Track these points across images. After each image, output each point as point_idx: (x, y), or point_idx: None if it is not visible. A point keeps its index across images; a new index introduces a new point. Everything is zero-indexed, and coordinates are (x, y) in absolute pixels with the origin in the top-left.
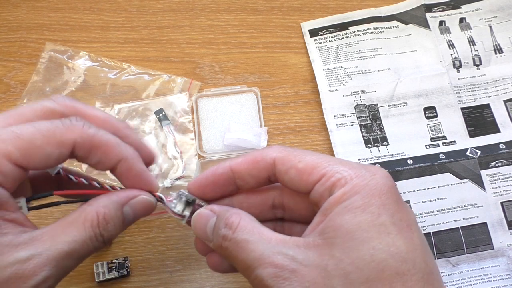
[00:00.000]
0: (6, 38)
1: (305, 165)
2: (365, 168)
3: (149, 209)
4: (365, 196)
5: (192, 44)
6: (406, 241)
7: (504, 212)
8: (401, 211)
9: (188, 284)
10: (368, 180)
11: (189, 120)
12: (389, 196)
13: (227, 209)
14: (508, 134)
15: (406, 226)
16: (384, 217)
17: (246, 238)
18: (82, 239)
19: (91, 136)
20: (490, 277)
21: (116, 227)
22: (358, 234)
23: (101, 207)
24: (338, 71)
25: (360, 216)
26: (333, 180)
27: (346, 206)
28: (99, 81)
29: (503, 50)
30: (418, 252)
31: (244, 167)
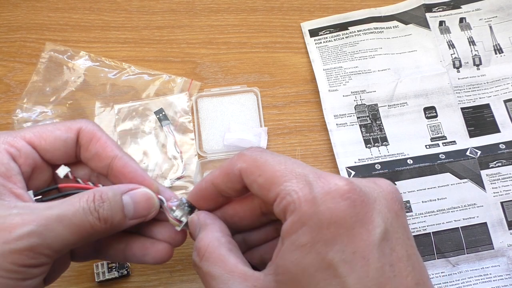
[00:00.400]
0: (6, 38)
1: (264, 180)
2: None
3: (150, 204)
4: (312, 229)
5: (192, 44)
6: (356, 281)
7: (504, 212)
8: (355, 238)
9: (188, 284)
10: (316, 206)
11: (189, 120)
12: (341, 223)
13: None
14: (508, 134)
15: (360, 259)
16: (331, 255)
17: (209, 271)
18: (75, 208)
19: (94, 129)
20: (490, 277)
21: (113, 210)
22: (304, 281)
23: (99, 190)
24: (338, 71)
25: (306, 257)
26: (284, 204)
27: (293, 242)
28: (99, 81)
29: (503, 50)
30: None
31: (220, 180)
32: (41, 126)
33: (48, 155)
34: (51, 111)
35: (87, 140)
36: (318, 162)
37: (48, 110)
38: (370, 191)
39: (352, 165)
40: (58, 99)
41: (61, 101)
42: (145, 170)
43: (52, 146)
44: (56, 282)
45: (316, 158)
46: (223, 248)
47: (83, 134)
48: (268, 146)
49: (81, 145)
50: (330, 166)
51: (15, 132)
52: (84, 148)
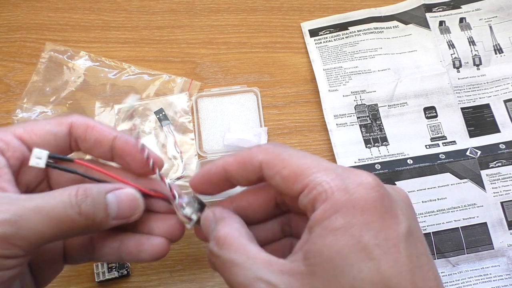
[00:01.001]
0: (6, 38)
1: (289, 172)
2: (350, 177)
3: (134, 205)
4: (346, 214)
5: (192, 44)
6: (390, 264)
7: (504, 212)
8: (387, 227)
9: (188, 284)
10: (350, 195)
11: (189, 120)
12: (373, 212)
13: (222, 217)
14: (508, 134)
15: (392, 246)
16: (366, 239)
17: (231, 259)
18: (56, 201)
19: (86, 119)
20: (490, 277)
21: (96, 206)
22: (338, 262)
23: (83, 185)
24: (338, 71)
25: (341, 239)
26: (314, 194)
27: (327, 227)
28: (99, 81)
29: (503, 50)
30: (404, 275)
31: (234, 168)
32: (33, 121)
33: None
34: (51, 111)
35: (82, 131)
36: None
37: (48, 110)
38: (392, 192)
39: (352, 165)
40: (58, 99)
41: (61, 101)
42: None
43: (43, 140)
44: (56, 282)
45: None
46: (244, 237)
47: (76, 126)
48: None
49: (77, 137)
50: None
51: (6, 128)
52: (81, 139)
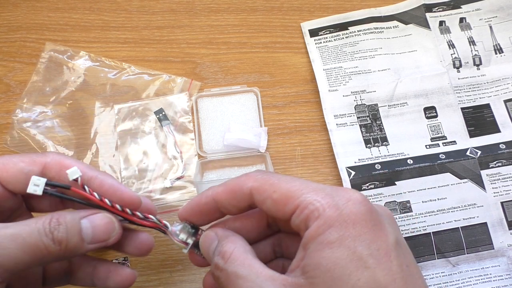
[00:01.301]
0: (6, 38)
1: (279, 196)
2: (339, 194)
3: (109, 228)
4: (339, 228)
5: (192, 44)
6: (385, 273)
7: (504, 212)
8: (377, 238)
9: (188, 284)
10: (340, 210)
11: (189, 120)
12: (364, 224)
13: (226, 235)
14: (508, 134)
15: (384, 255)
16: (360, 249)
17: (236, 271)
18: (31, 229)
19: (61, 158)
20: (490, 277)
21: (70, 232)
22: (337, 272)
23: (57, 213)
24: (338, 71)
25: (336, 251)
26: (306, 213)
27: (322, 242)
28: (99, 81)
29: (503, 50)
30: (398, 282)
31: (224, 197)
32: (7, 157)
33: (11, 186)
34: (51, 111)
35: (56, 172)
36: (318, 162)
37: (48, 110)
38: (377, 208)
39: (352, 165)
40: (58, 99)
41: (61, 101)
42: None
43: (14, 178)
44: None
45: (316, 158)
46: (248, 253)
47: (50, 166)
48: (268, 146)
49: (51, 178)
50: (330, 166)
51: None
52: (55, 180)
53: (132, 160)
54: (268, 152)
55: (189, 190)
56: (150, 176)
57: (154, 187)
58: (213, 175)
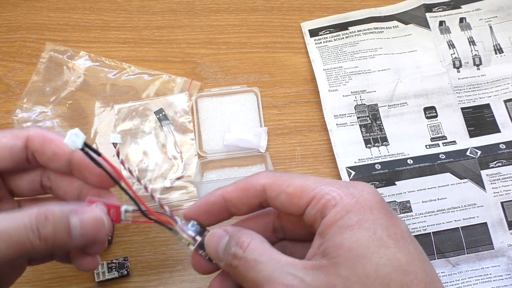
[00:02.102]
0: (6, 38)
1: (294, 189)
2: (352, 185)
3: (98, 226)
4: (358, 213)
5: (192, 44)
6: (404, 253)
7: (504, 212)
8: (393, 224)
9: (188, 284)
10: (357, 198)
11: (189, 120)
12: (380, 210)
13: (239, 229)
14: (508, 134)
15: (401, 238)
16: (380, 232)
17: (255, 258)
18: (17, 224)
19: (43, 131)
20: (490, 277)
21: (57, 230)
22: (360, 251)
23: (46, 207)
24: (338, 71)
25: (358, 232)
26: (323, 202)
27: (342, 225)
28: (99, 81)
29: (503, 50)
30: (417, 263)
31: (235, 195)
32: None
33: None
34: (51, 111)
35: (39, 143)
36: (318, 162)
37: (48, 110)
38: None
39: (352, 165)
40: (58, 99)
41: (61, 101)
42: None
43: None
44: (56, 282)
45: (316, 158)
46: (266, 244)
47: (32, 139)
48: (268, 146)
49: (34, 151)
50: (330, 166)
51: None
52: (38, 153)
53: (132, 160)
54: (268, 152)
55: (189, 190)
56: (150, 176)
57: (154, 187)
58: (213, 175)
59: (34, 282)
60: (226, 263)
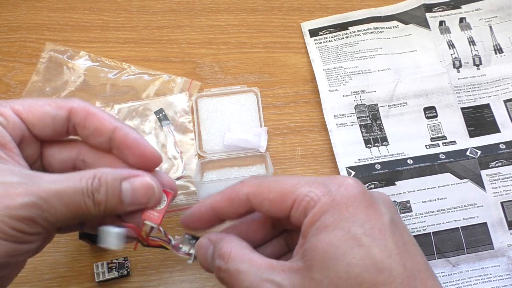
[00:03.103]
0: (6, 38)
1: (275, 195)
2: (331, 181)
3: (149, 193)
4: (333, 213)
5: (192, 44)
6: (380, 249)
7: (504, 212)
8: (371, 218)
9: (188, 284)
10: (334, 196)
11: (189, 120)
12: (357, 205)
13: (221, 238)
14: (508, 134)
15: (378, 233)
16: (354, 229)
17: (237, 268)
18: (75, 187)
19: (87, 105)
20: (490, 277)
21: (109, 195)
22: (331, 252)
23: (100, 171)
24: (338, 71)
25: (331, 233)
26: (304, 205)
27: (318, 227)
28: (99, 81)
29: (503, 50)
30: (394, 258)
31: (222, 205)
32: (32, 99)
33: (36, 129)
34: None
35: (82, 117)
36: (318, 162)
37: None
38: (373, 193)
39: (352, 165)
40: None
41: None
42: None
43: (41, 121)
44: (56, 282)
45: (316, 158)
46: (246, 249)
47: (76, 112)
48: (268, 146)
49: (76, 123)
50: (330, 166)
51: (4, 102)
52: (80, 126)
53: None
54: (268, 152)
55: (189, 190)
56: None
57: None
58: (213, 175)
59: (34, 282)
60: (215, 274)
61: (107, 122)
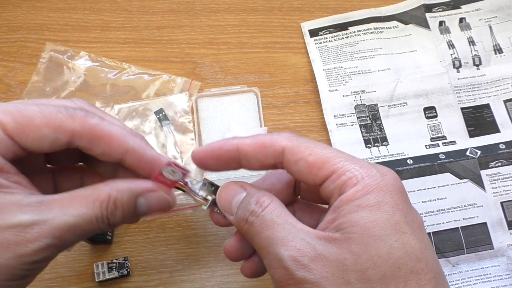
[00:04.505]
0: (6, 38)
1: (315, 159)
2: (376, 168)
3: (164, 207)
4: (378, 195)
5: (192, 44)
6: (419, 240)
7: (504, 212)
8: (411, 212)
9: (188, 284)
10: (379, 180)
11: (189, 120)
12: (400, 196)
13: (258, 189)
14: (508, 134)
15: (417, 227)
16: (398, 216)
17: (273, 218)
18: (89, 217)
19: (92, 126)
20: (490, 277)
21: (125, 215)
22: (375, 231)
23: (115, 190)
24: (338, 71)
25: (375, 213)
26: (344, 179)
27: (360, 204)
28: (99, 81)
29: (503, 50)
30: (429, 252)
31: (251, 149)
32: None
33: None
34: None
35: (86, 142)
36: None
37: None
38: None
39: None
40: (58, 99)
41: None
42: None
43: (36, 144)
44: (56, 282)
45: None
46: (285, 209)
47: (79, 136)
48: None
49: (81, 147)
50: None
51: None
52: (85, 149)
53: None
54: None
55: None
56: None
57: None
58: (213, 175)
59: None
60: (239, 218)
61: (116, 145)
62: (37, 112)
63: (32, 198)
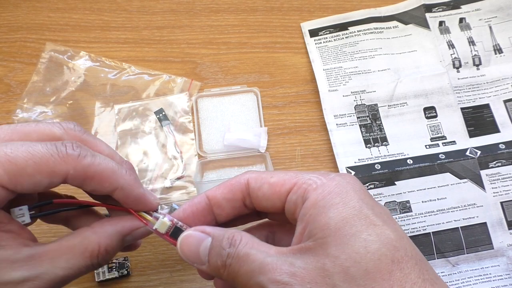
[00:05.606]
0: (7, 38)
1: (277, 180)
2: (334, 173)
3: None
4: (341, 193)
5: (192, 44)
6: (392, 230)
7: (504, 212)
8: (377, 205)
9: (188, 284)
10: (339, 180)
11: (189, 120)
12: (363, 192)
13: (224, 230)
14: (507, 134)
15: (388, 218)
16: (366, 210)
17: (247, 252)
18: (79, 267)
19: (85, 167)
20: (490, 277)
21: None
22: (347, 229)
23: (104, 238)
24: (338, 71)
25: (343, 211)
26: (304, 187)
27: (325, 205)
28: (99, 81)
29: (503, 50)
30: (406, 240)
31: (219, 192)
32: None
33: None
34: (51, 111)
35: (78, 182)
36: (318, 162)
37: (48, 110)
38: None
39: (352, 165)
40: (58, 99)
41: (61, 101)
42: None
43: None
44: None
45: (316, 158)
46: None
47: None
48: (268, 146)
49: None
50: (330, 166)
51: None
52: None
53: (132, 160)
54: (268, 152)
55: (189, 190)
56: (150, 176)
57: (154, 187)
58: (213, 175)
59: None
60: (215, 265)
61: (107, 184)
62: (28, 158)
63: (22, 252)
